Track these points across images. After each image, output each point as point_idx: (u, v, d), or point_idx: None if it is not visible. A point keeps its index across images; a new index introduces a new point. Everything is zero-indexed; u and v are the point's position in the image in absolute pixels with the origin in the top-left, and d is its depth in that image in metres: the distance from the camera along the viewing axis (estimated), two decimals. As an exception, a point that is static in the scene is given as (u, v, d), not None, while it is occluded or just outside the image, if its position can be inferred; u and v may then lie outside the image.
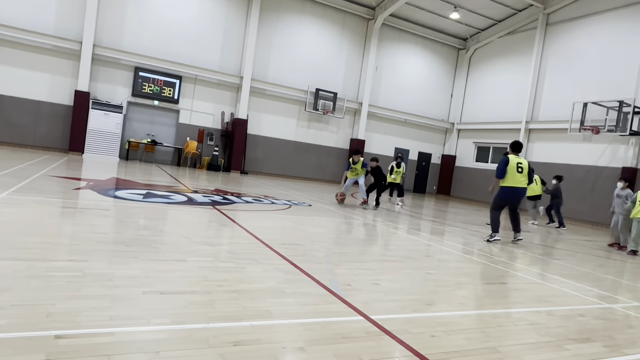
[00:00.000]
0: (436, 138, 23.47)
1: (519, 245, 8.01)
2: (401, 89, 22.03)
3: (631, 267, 7.27)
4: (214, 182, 12.33)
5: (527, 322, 3.46)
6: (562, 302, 4.33)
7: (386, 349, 2.56)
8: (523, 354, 2.79)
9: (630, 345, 3.25)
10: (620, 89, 15.11)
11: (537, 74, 18.60)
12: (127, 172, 12.09)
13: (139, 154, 17.23)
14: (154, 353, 2.13)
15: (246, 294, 3.22)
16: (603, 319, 3.88)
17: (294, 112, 19.58)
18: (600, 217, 15.16)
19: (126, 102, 16.58)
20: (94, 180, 9.08)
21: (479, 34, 21.99)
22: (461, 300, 3.87)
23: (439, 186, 23.44)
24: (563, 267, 6.27)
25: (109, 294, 2.85)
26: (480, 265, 5.67)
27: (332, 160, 20.63)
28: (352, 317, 3.04)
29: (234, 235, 5.41)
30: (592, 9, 16.69)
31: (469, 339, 2.93)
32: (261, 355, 2.26)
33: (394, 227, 8.52)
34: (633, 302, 4.69)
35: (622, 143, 15.05)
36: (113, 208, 6.22)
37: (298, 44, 19.30)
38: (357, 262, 4.93)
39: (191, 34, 17.33)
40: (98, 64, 15.94)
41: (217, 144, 18.23)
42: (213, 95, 18.03)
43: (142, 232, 4.81)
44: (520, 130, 18.79)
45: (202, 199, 8.35)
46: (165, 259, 3.89)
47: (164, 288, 3.11)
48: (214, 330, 2.50)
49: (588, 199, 15.75)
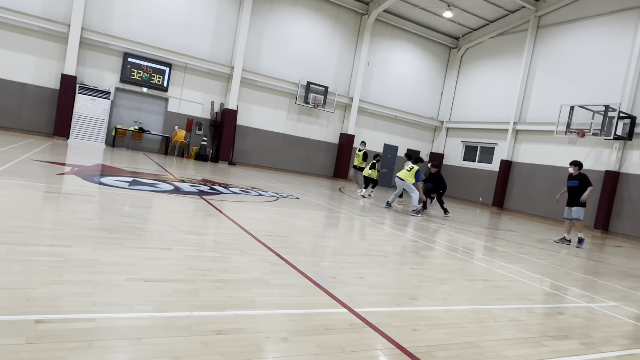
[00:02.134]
0: (425, 136, 23.60)
1: (503, 245, 8.13)
2: (392, 86, 22.06)
3: (612, 268, 7.43)
4: (201, 172, 12.24)
5: (507, 319, 3.52)
6: (541, 300, 4.41)
7: (368, 341, 2.58)
8: (502, 349, 2.84)
9: (606, 343, 3.33)
10: (606, 94, 15.35)
11: (526, 75, 18.79)
12: (113, 159, 11.93)
13: (126, 141, 17.00)
14: (136, 339, 2.12)
15: (231, 284, 3.21)
16: (581, 317, 3.97)
17: (285, 105, 19.49)
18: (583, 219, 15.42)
19: (114, 88, 16.31)
20: (78, 165, 8.94)
21: (471, 34, 22.11)
22: (444, 296, 3.92)
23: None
24: (544, 266, 6.39)
25: (92, 279, 2.82)
26: (464, 262, 5.74)
27: (321, 154, 20.63)
28: (336, 309, 3.06)
29: (220, 226, 5.38)
30: (582, 13, 16.89)
31: (450, 333, 2.97)
32: (244, 345, 2.26)
33: (381, 222, 8.57)
34: (610, 301, 4.80)
35: (606, 147, 15.32)
36: (98, 194, 6.14)
37: (290, 36, 19.17)
38: (342, 256, 4.95)
39: (182, 22, 17.09)
40: (86, 48, 15.63)
41: (206, 134, 18.07)
42: (203, 84, 17.84)
43: (126, 220, 4.76)
44: (508, 131, 19.00)
45: (189, 188, 8.29)
46: (150, 247, 3.86)
47: (147, 275, 3.08)
48: (197, 318, 2.49)
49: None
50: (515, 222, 13.88)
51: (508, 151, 18.93)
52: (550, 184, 16.88)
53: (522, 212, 17.82)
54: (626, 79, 14.89)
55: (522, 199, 18.08)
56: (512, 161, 18.84)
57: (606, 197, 14.72)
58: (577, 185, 9.39)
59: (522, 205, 17.98)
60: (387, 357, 2.43)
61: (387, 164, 22.48)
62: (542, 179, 17.35)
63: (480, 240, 8.37)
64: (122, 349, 2.02)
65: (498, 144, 19.91)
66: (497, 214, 16.37)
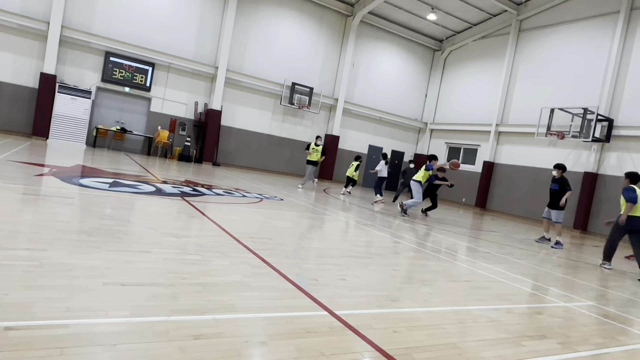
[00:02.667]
0: (409, 137, 23.78)
1: (484, 246, 8.24)
2: (377, 87, 22.18)
3: (590, 268, 7.58)
4: (184, 173, 12.12)
5: (487, 319, 3.56)
6: (521, 300, 4.48)
7: (348, 344, 2.58)
8: (481, 349, 2.87)
9: (583, 342, 3.39)
10: (585, 97, 15.69)
11: (508, 78, 19.09)
12: (94, 159, 11.73)
13: (108, 142, 16.73)
14: (111, 346, 2.08)
15: (211, 287, 3.18)
16: (559, 317, 4.04)
17: (269, 105, 19.43)
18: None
19: (95, 88, 16.04)
20: (57, 166, 8.76)
21: (455, 36, 22.37)
22: (425, 297, 3.95)
23: (410, 184, 23.73)
24: (524, 267, 6.49)
25: (67, 284, 2.76)
26: (446, 263, 5.79)
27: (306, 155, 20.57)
28: (317, 312, 3.05)
29: (202, 228, 5.33)
30: (562, 18, 17.24)
31: (431, 334, 2.99)
32: (222, 349, 2.24)
33: (365, 223, 8.59)
34: (588, 301, 4.90)
35: (585, 149, 15.66)
36: (77, 196, 6.02)
37: (275, 37, 19.12)
38: (325, 258, 4.95)
39: (166, 21, 16.90)
40: (66, 46, 15.34)
41: (190, 135, 17.90)
42: (187, 84, 17.67)
43: (106, 222, 4.67)
44: (490, 133, 19.27)
45: (171, 189, 8.19)
46: (129, 250, 3.80)
47: (125, 279, 3.03)
48: (174, 323, 2.45)
49: (551, 202, 16.31)
50: (497, 223, 14.07)
51: (490, 152, 19.20)
52: (531, 185, 17.18)
53: (504, 212, 18.08)
54: (604, 83, 15.25)
55: (504, 199, 18.35)
56: (495, 162, 19.11)
57: (585, 198, 15.04)
58: (557, 189, 9.57)
59: (504, 206, 18.25)
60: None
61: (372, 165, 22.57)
62: (523, 180, 17.64)
63: (462, 241, 8.46)
64: (96, 356, 1.98)
65: (481, 145, 20.18)
66: (480, 215, 16.58)
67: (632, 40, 14.82)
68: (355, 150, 21.93)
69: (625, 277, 7.12)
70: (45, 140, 14.88)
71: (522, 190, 17.55)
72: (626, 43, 14.95)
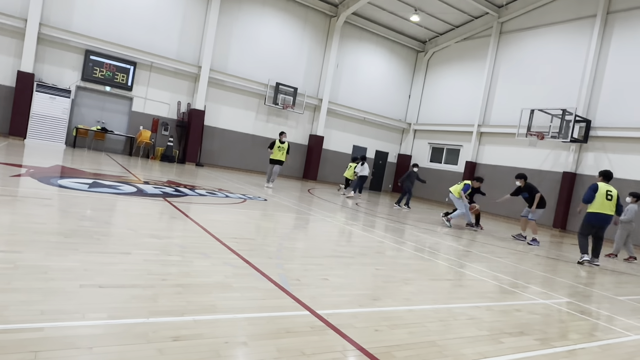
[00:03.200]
0: (393, 137, 23.94)
1: (466, 245, 8.34)
2: (361, 88, 22.28)
3: (568, 266, 7.74)
4: (167, 174, 11.97)
5: (467, 317, 3.61)
6: (500, 298, 4.55)
7: (329, 343, 2.59)
8: (461, 347, 2.91)
9: (560, 339, 3.46)
10: (564, 98, 16.03)
11: (490, 79, 19.38)
12: (74, 160, 11.50)
13: (88, 142, 16.43)
14: (87, 349, 2.04)
15: (191, 288, 3.15)
16: (537, 314, 4.12)
17: (253, 106, 19.34)
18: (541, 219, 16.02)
19: (75, 87, 15.74)
20: (35, 167, 8.56)
21: (437, 38, 22.61)
22: (407, 296, 3.98)
23: (394, 185, 23.94)
24: (504, 265, 6.59)
25: (43, 287, 2.70)
26: (428, 262, 5.85)
27: (290, 155, 20.48)
28: (299, 312, 3.04)
29: (184, 229, 5.27)
30: (542, 21, 17.58)
31: (411, 333, 3.01)
32: (201, 351, 2.22)
33: (348, 223, 8.62)
34: (565, 298, 5.00)
35: (563, 149, 15.99)
36: (55, 197, 5.90)
37: (259, 37, 19.04)
38: (308, 258, 4.95)
39: (148, 19, 16.68)
40: (44, 44, 15.01)
41: (172, 135, 17.70)
42: (169, 84, 17.47)
43: (84, 223, 4.59)
44: (473, 133, 19.53)
45: (152, 190, 8.09)
46: (108, 252, 3.73)
47: (103, 281, 2.98)
48: (153, 325, 2.42)
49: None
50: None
51: (472, 153, 19.46)
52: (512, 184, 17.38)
53: (486, 212, 18.32)
54: (582, 84, 15.60)
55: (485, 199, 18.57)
56: (477, 162, 19.38)
57: (564, 197, 15.36)
58: (528, 197, 10.37)
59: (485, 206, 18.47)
60: (346, 359, 2.44)
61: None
62: (504, 179, 17.90)
63: (445, 240, 8.56)
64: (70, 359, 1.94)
65: (463, 145, 20.43)
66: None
67: (609, 43, 15.20)
68: (340, 151, 21.98)
69: (602, 274, 7.29)
70: (23, 140, 14.54)
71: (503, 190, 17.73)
72: (603, 46, 15.32)
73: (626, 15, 14.87)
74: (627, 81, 14.53)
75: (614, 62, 14.99)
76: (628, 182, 13.97)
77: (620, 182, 14.22)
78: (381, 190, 23.97)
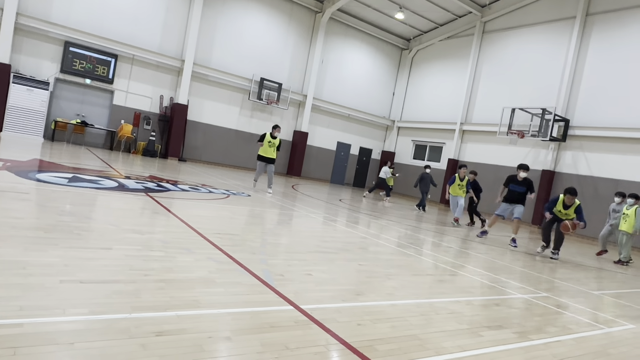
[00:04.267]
0: (377, 134, 24.07)
1: (447, 240, 8.46)
2: (345, 84, 22.31)
3: (545, 262, 7.94)
4: (149, 169, 11.81)
5: (448, 311, 3.68)
6: (480, 293, 4.64)
7: (313, 338, 2.61)
8: (442, 340, 2.97)
9: (536, 332, 3.56)
10: (544, 98, 16.36)
11: (472, 78, 19.63)
12: (53, 153, 11.25)
13: (67, 135, 16.08)
14: (68, 345, 2.02)
15: (174, 284, 3.13)
16: (516, 308, 4.22)
17: (237, 101, 19.19)
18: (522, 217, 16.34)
19: (53, 79, 15.36)
20: (12, 160, 8.35)
21: (422, 36, 22.77)
22: (389, 291, 4.03)
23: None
24: (485, 261, 6.72)
25: (21, 282, 2.65)
26: (410, 258, 5.92)
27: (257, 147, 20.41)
28: (282, 307, 3.06)
29: (167, 224, 5.23)
30: (524, 21, 17.87)
31: (393, 327, 3.06)
32: (185, 345, 2.22)
33: (332, 219, 8.66)
34: (543, 292, 5.14)
35: (543, 148, 16.33)
36: (33, 191, 5.77)
37: (244, 31, 18.88)
38: (292, 253, 4.96)
39: (129, 11, 16.36)
40: (21, 35, 14.60)
41: (154, 129, 17.44)
42: (152, 77, 17.19)
43: (64, 218, 4.51)
44: (455, 131, 19.78)
45: (134, 185, 7.98)
46: (89, 247, 3.68)
47: (84, 277, 2.94)
48: (136, 320, 2.41)
49: (512, 198, 16.92)
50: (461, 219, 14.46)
51: (455, 150, 19.71)
52: (492, 182, 17.74)
53: (467, 209, 18.60)
54: (561, 84, 15.93)
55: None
56: (459, 160, 19.63)
57: (543, 194, 15.69)
58: (524, 191, 9.49)
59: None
60: (330, 352, 2.47)
61: (341, 161, 22.75)
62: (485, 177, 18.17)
63: (427, 236, 8.67)
64: (51, 355, 1.92)
65: (446, 143, 20.68)
66: (445, 211, 17.00)
67: (587, 44, 15.55)
68: (324, 147, 21.99)
69: (578, 270, 7.50)
70: (-2, 133, 14.15)
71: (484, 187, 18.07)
72: (581, 47, 15.67)
73: (604, 18, 15.23)
74: (604, 82, 14.90)
75: (592, 63, 15.36)
76: (604, 181, 14.37)
77: (596, 180, 14.62)
78: (364, 186, 24.09)
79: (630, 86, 14.17)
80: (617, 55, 14.70)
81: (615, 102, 14.49)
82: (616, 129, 14.15)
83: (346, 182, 23.20)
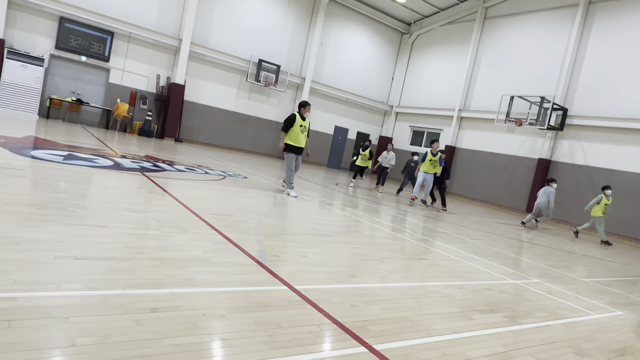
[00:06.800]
0: (375, 119, 23.97)
1: (443, 226, 8.52)
2: (344, 68, 22.10)
3: (538, 249, 8.02)
4: (145, 148, 11.74)
5: (440, 295, 3.72)
6: (473, 278, 4.69)
7: (306, 317, 2.64)
8: (433, 322, 3.01)
9: (526, 316, 3.61)
10: (543, 86, 16.29)
11: (472, 64, 19.49)
12: (48, 131, 11.15)
13: (62, 113, 15.91)
14: (62, 319, 2.03)
15: (169, 262, 3.15)
16: (507, 293, 4.27)
17: (235, 82, 19.00)
18: (516, 204, 16.48)
19: (48, 55, 15.12)
20: (6, 137, 8.28)
21: (423, 20, 22.50)
22: (382, 274, 4.06)
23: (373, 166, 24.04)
24: (478, 247, 6.78)
25: (15, 257, 2.65)
26: (404, 242, 5.97)
27: (272, 134, 20.38)
28: (277, 287, 3.08)
29: (162, 204, 5.22)
30: (525, 7, 17.67)
31: (386, 308, 3.09)
32: (179, 322, 2.24)
33: (328, 203, 8.67)
34: (533, 278, 5.20)
35: (540, 136, 16.33)
36: (28, 168, 5.73)
37: (243, 11, 18.58)
38: (287, 235, 4.98)
39: (126, -13, 16.03)
40: (15, 9, 14.31)
41: (151, 109, 17.29)
42: (148, 56, 16.96)
43: (59, 195, 4.49)
44: (453, 118, 19.72)
45: (130, 164, 7.94)
46: (84, 224, 3.68)
47: (79, 253, 2.95)
48: (130, 296, 2.42)
49: (507, 186, 17.01)
50: (456, 205, 14.55)
51: (452, 137, 19.68)
52: (489, 169, 17.81)
53: (463, 195, 18.70)
54: (561, 73, 15.86)
55: (463, 183, 18.94)
56: (456, 147, 19.63)
57: (538, 183, 15.75)
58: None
59: (463, 189, 18.86)
60: (323, 332, 2.50)
61: (338, 145, 22.70)
62: (482, 164, 18.25)
63: (422, 221, 8.72)
64: (45, 329, 1.93)
65: (443, 129, 20.64)
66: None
67: (589, 33, 15.43)
68: (322, 131, 21.90)
69: (570, 258, 7.58)
70: (-8, 109, 13.97)
71: (481, 175, 18.17)
72: (583, 36, 15.55)
73: (607, 6, 15.08)
74: (604, 72, 14.84)
75: (593, 52, 15.26)
76: (599, 171, 14.43)
77: (592, 170, 14.68)
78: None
79: (629, 76, 14.11)
80: (617, 44, 14.60)
81: (614, 92, 14.45)
82: (614, 119, 14.15)
83: (343, 167, 23.18)
